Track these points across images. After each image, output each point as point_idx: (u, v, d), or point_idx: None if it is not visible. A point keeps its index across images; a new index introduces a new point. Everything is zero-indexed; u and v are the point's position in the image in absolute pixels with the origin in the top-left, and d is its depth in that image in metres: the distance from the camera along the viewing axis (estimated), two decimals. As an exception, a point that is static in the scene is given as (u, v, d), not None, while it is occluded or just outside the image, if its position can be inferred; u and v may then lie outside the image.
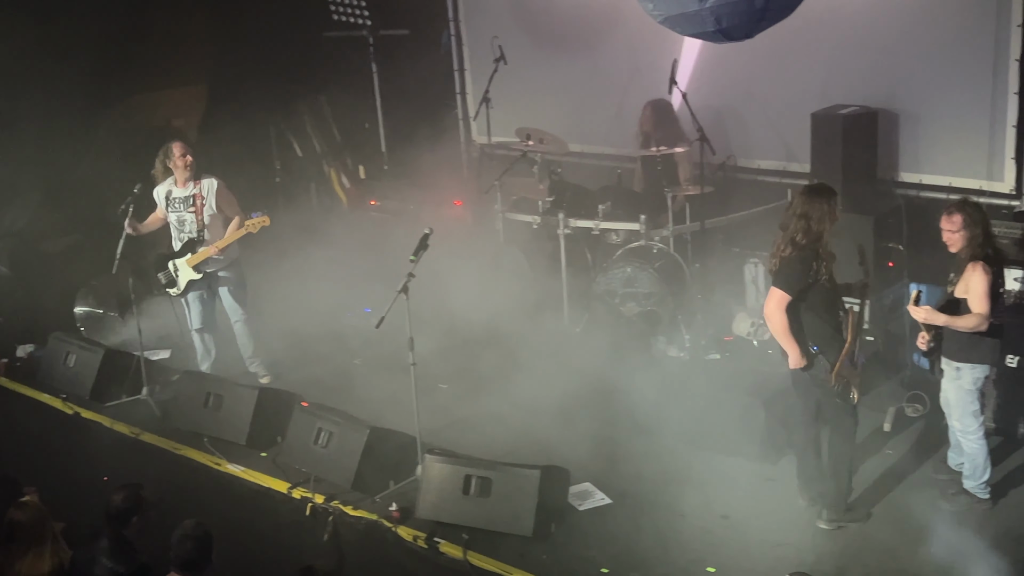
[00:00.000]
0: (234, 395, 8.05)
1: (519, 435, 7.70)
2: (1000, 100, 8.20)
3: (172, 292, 8.67)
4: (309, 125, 11.91)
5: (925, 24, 8.45)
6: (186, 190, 8.44)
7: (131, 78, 10.70)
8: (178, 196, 8.46)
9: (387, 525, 6.85)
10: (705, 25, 5.39)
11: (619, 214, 9.10)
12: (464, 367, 8.58)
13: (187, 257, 8.50)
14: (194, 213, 8.43)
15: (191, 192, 8.43)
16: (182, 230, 8.50)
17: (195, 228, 8.46)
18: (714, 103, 9.41)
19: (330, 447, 7.35)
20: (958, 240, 6.28)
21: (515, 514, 6.57)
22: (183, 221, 8.47)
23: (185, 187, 8.44)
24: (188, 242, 8.49)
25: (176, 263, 8.56)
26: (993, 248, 6.28)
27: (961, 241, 6.27)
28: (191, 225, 8.45)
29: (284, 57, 11.20)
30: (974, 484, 6.54)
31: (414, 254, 6.95)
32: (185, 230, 8.48)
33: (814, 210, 6.14)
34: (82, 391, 8.81)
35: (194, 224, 8.45)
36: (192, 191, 8.43)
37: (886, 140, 8.75)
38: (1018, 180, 8.30)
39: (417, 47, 11.59)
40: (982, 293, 6.15)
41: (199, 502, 7.10)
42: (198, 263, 8.47)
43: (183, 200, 8.45)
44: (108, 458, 7.91)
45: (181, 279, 8.56)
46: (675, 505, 6.79)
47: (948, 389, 6.51)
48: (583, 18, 10.19)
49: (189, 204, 8.44)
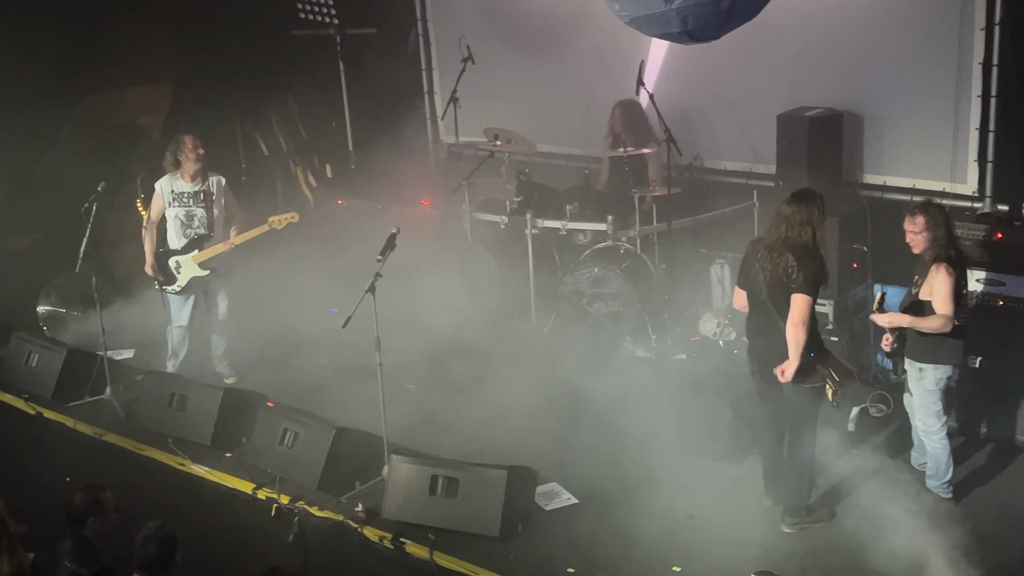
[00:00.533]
0: (199, 395, 7.99)
1: (486, 435, 7.70)
2: (963, 103, 8.29)
3: (170, 290, 8.54)
4: (276, 124, 11.84)
5: (890, 27, 8.52)
6: (195, 185, 8.36)
7: (95, 75, 10.59)
8: (186, 191, 8.36)
9: (353, 526, 6.82)
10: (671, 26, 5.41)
11: (587, 214, 9.12)
12: (431, 368, 8.56)
13: (193, 253, 8.42)
14: (204, 209, 8.36)
15: (200, 187, 8.36)
16: (189, 225, 8.41)
17: (205, 224, 8.40)
18: (681, 104, 9.45)
19: (296, 447, 7.31)
20: (921, 241, 6.34)
21: (482, 514, 6.57)
22: (192, 216, 8.39)
23: (194, 182, 8.36)
24: (196, 238, 8.42)
25: (179, 260, 8.46)
26: (956, 250, 6.35)
27: (924, 242, 6.33)
28: (201, 221, 8.39)
29: (251, 55, 11.13)
30: (937, 484, 6.61)
31: (381, 254, 6.93)
32: (193, 226, 8.40)
33: (813, 214, 6.10)
34: (45, 391, 8.71)
35: (204, 220, 8.39)
36: (201, 187, 8.36)
37: (851, 142, 8.82)
38: (981, 182, 8.39)
39: (385, 46, 11.56)
40: (946, 295, 6.20)
41: (163, 503, 7.04)
42: (206, 260, 8.41)
43: (192, 195, 8.36)
44: (71, 459, 7.84)
45: (183, 276, 8.47)
46: (641, 505, 6.81)
47: (912, 389, 6.56)
48: (551, 19, 10.20)
49: (199, 199, 8.36)
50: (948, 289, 6.20)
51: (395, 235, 7.02)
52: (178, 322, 8.66)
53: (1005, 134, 8.22)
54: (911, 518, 6.40)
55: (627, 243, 9.00)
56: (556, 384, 8.07)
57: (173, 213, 8.42)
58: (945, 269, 6.21)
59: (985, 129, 8.28)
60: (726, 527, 6.55)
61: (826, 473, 6.84)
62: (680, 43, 5.70)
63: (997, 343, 7.07)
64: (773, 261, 6.13)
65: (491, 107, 10.32)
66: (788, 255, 6.07)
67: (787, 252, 6.08)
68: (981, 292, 7.15)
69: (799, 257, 6.06)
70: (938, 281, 6.22)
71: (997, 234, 7.19)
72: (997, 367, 7.07)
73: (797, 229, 6.08)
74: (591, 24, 9.71)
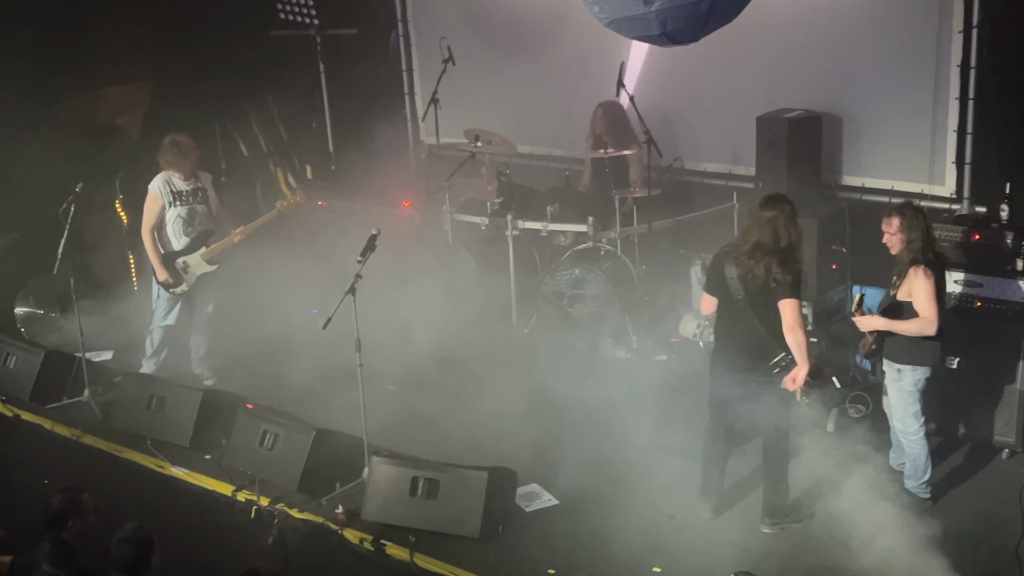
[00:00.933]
0: (178, 397, 7.96)
1: (467, 437, 7.69)
2: (941, 105, 8.34)
3: (177, 291, 8.47)
4: (255, 124, 11.80)
5: (869, 30, 8.57)
6: (190, 183, 8.35)
7: (73, 75, 10.53)
8: (184, 189, 8.34)
9: (333, 528, 6.80)
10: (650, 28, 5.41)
11: (567, 216, 9.13)
12: (412, 369, 8.55)
13: (201, 251, 8.40)
14: (204, 204, 8.38)
15: (196, 185, 8.36)
16: (191, 223, 8.38)
17: (208, 220, 8.40)
18: (661, 106, 9.48)
19: (275, 449, 7.29)
20: (896, 243, 6.38)
21: (462, 516, 6.56)
22: (194, 214, 8.38)
23: (188, 180, 8.34)
24: (200, 235, 8.40)
25: (186, 260, 8.42)
26: (934, 252, 6.38)
27: (900, 244, 6.37)
28: (203, 217, 8.39)
29: (230, 55, 11.09)
30: (915, 484, 6.64)
31: (361, 255, 6.91)
32: (195, 223, 8.39)
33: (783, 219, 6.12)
34: (22, 393, 8.65)
35: (206, 216, 8.41)
36: (196, 183, 8.37)
37: (830, 144, 8.86)
38: (959, 184, 8.45)
39: (365, 47, 11.55)
40: (926, 297, 6.23)
41: (142, 505, 7.02)
42: (214, 255, 8.39)
43: (191, 192, 8.35)
44: (49, 461, 7.79)
45: (192, 274, 8.44)
46: (621, 505, 6.82)
47: (890, 390, 6.60)
48: (531, 20, 10.21)
49: (197, 197, 8.37)
50: (928, 291, 6.23)
51: (375, 236, 7.00)
52: (165, 322, 8.62)
53: (983, 136, 8.27)
54: (890, 518, 6.43)
55: (607, 244, 9.01)
56: (537, 385, 8.07)
57: (175, 213, 8.36)
58: (923, 272, 6.24)
59: (963, 131, 8.33)
60: (706, 527, 6.58)
61: (805, 474, 6.86)
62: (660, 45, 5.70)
63: (975, 344, 7.11)
64: (753, 266, 6.14)
65: (472, 108, 10.32)
66: (769, 259, 6.08)
67: (766, 256, 6.09)
68: (959, 293, 7.19)
69: (782, 261, 6.09)
70: (917, 284, 6.25)
71: (975, 236, 7.23)
72: (975, 368, 7.11)
73: (769, 233, 6.10)
74: (571, 26, 9.72)
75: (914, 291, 6.26)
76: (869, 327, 6.44)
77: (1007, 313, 7.06)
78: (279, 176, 11.79)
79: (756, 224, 6.16)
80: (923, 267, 6.25)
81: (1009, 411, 7.06)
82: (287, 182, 11.78)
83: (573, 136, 9.91)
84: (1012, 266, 7.10)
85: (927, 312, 6.24)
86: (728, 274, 6.25)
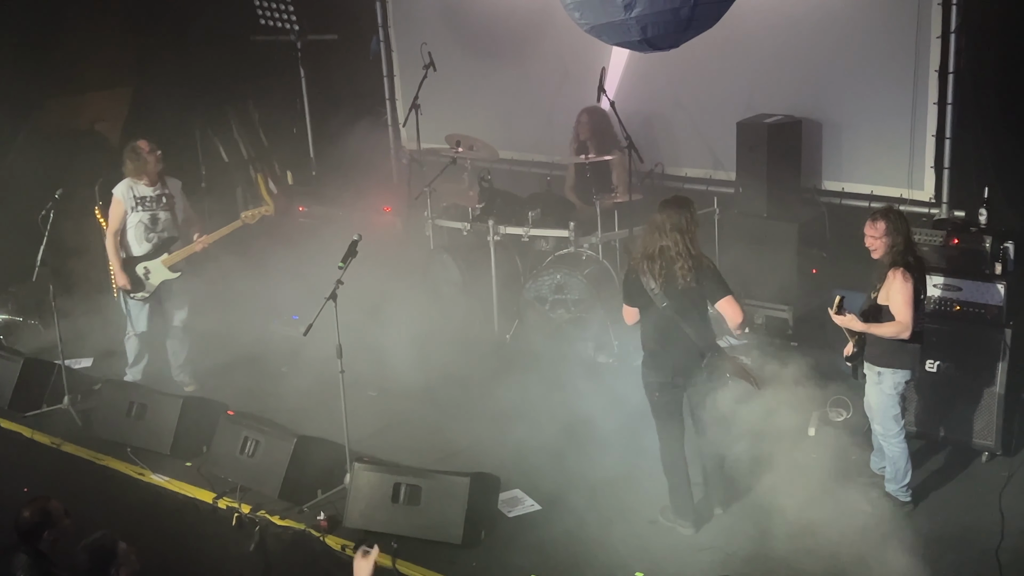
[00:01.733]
0: (158, 404, 7.92)
1: (448, 442, 7.69)
2: (920, 110, 8.39)
3: (138, 297, 8.44)
4: (236, 130, 11.77)
5: (848, 36, 8.61)
6: (155, 188, 8.31)
7: (51, 80, 10.48)
8: (148, 195, 8.30)
9: (315, 535, 6.78)
10: (631, 34, 5.42)
11: (549, 221, 9.14)
12: (393, 375, 8.53)
13: (162, 257, 8.35)
14: (169, 211, 8.33)
15: (161, 191, 8.32)
16: (153, 229, 8.34)
17: (171, 226, 8.35)
18: (642, 111, 9.50)
19: (257, 456, 7.26)
20: (880, 246, 6.41)
21: (445, 522, 6.55)
22: (156, 219, 8.33)
23: (154, 186, 8.31)
24: (163, 241, 8.35)
25: (147, 265, 8.38)
26: (914, 256, 6.41)
27: (883, 247, 6.39)
28: (166, 223, 8.35)
29: (210, 60, 11.06)
30: (896, 487, 6.67)
31: (343, 261, 6.90)
32: (157, 229, 8.34)
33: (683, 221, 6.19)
34: (1, 401, 8.59)
35: (170, 222, 8.36)
36: (162, 189, 8.32)
37: (810, 149, 8.90)
38: (938, 188, 8.50)
39: (346, 52, 11.54)
40: (903, 301, 6.26)
41: (123, 513, 6.98)
42: (176, 262, 8.34)
43: (154, 198, 8.31)
44: (29, 469, 7.73)
45: (153, 280, 8.39)
46: (604, 510, 6.82)
47: (870, 393, 6.63)
48: (512, 26, 10.23)
49: (161, 203, 8.31)
50: (905, 295, 6.26)
51: (357, 242, 6.99)
52: (139, 329, 8.57)
53: (961, 141, 8.33)
54: (871, 521, 6.46)
55: (589, 249, 9.02)
56: (519, 390, 8.06)
57: (136, 218, 8.33)
58: (902, 274, 6.27)
59: (941, 136, 8.39)
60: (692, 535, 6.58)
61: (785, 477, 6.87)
62: (640, 51, 5.72)
63: (954, 348, 7.15)
64: (668, 270, 6.19)
65: (453, 114, 10.33)
66: (682, 263, 6.16)
67: (679, 260, 6.16)
68: (938, 297, 7.23)
69: (697, 264, 6.20)
70: (895, 287, 6.28)
71: (953, 240, 7.27)
72: (955, 371, 7.15)
73: (671, 236, 6.16)
74: (552, 31, 9.74)
75: (892, 294, 6.29)
76: (845, 326, 6.46)
77: (986, 317, 7.10)
78: (260, 182, 11.77)
79: (654, 228, 6.23)
80: (902, 270, 6.27)
81: (989, 414, 7.09)
82: (268, 188, 11.75)
83: (554, 141, 9.92)
84: (991, 270, 7.13)
85: (903, 316, 6.26)
86: (647, 285, 6.25)
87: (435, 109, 10.12)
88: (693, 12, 5.33)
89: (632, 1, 5.22)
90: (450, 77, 10.22)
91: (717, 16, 5.61)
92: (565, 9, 5.62)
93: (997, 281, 7.08)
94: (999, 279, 7.07)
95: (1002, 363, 7.00)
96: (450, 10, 10.69)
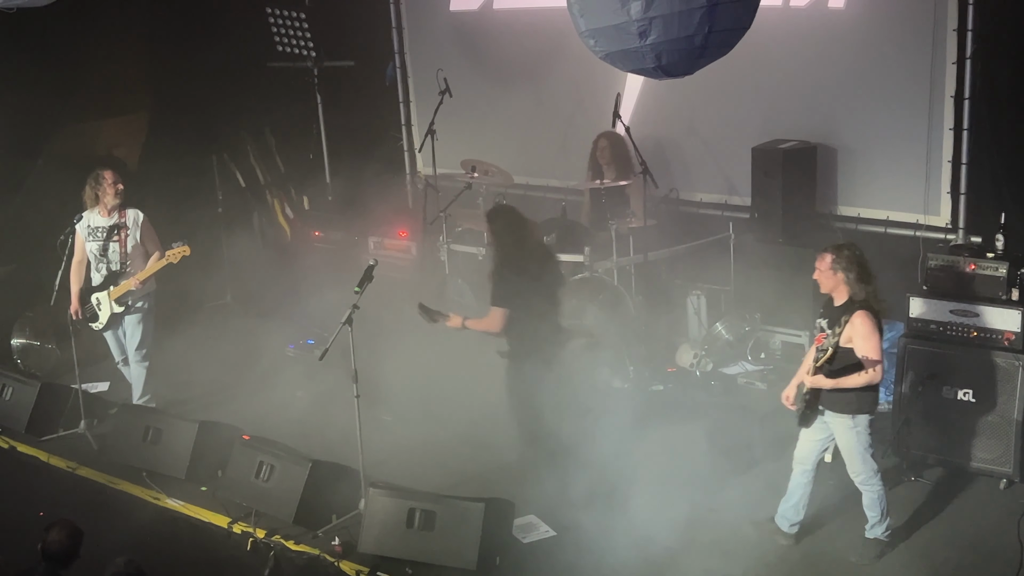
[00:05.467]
0: (173, 429, 7.93)
1: (463, 468, 7.67)
2: (936, 136, 8.38)
3: (94, 327, 8.50)
4: (252, 155, 11.84)
5: (863, 61, 8.62)
6: (110, 219, 8.30)
7: (70, 106, 10.57)
8: (100, 225, 8.31)
9: (329, 560, 6.77)
10: (645, 62, 5.43)
11: (564, 246, 9.14)
12: (408, 399, 8.53)
13: (109, 290, 8.37)
14: (118, 243, 8.31)
15: (115, 221, 8.30)
16: (102, 260, 8.35)
17: (118, 259, 8.33)
18: (657, 137, 9.52)
19: (271, 481, 7.26)
20: (824, 281, 6.25)
21: (459, 547, 6.53)
22: (104, 251, 8.33)
23: (109, 216, 8.31)
24: (110, 274, 8.35)
25: (98, 296, 8.40)
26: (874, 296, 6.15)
27: (829, 283, 6.24)
28: (114, 255, 8.33)
29: (227, 87, 11.14)
30: (881, 530, 6.44)
31: (359, 285, 6.92)
32: (107, 260, 8.34)
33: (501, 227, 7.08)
34: (18, 425, 8.63)
35: (117, 254, 8.33)
36: (116, 220, 8.30)
37: (825, 174, 8.90)
38: (954, 214, 8.48)
39: (362, 79, 11.60)
40: (873, 346, 6.02)
41: (138, 537, 6.98)
42: (120, 295, 8.35)
43: (106, 229, 8.31)
44: (45, 493, 7.75)
45: (103, 313, 8.42)
46: (619, 537, 6.78)
47: (846, 439, 6.28)
48: (527, 52, 10.27)
49: (113, 234, 8.31)
50: (875, 340, 6.03)
51: (373, 267, 7.02)
52: (118, 358, 8.66)
53: (977, 166, 8.31)
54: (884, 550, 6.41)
55: (604, 274, 9.02)
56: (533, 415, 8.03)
57: (90, 248, 8.36)
58: (868, 319, 6.05)
59: (957, 161, 8.37)
60: (703, 557, 6.54)
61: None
62: (655, 78, 5.73)
63: (971, 374, 7.12)
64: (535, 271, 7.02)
65: (468, 139, 10.37)
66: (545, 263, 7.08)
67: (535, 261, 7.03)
68: (955, 323, 7.21)
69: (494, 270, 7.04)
70: (863, 332, 6.03)
71: (970, 265, 7.26)
72: (972, 397, 7.12)
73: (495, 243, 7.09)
74: (567, 58, 9.77)
75: (858, 339, 6.04)
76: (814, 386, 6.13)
77: (1003, 343, 7.07)
78: (276, 207, 11.83)
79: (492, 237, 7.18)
80: (866, 313, 6.05)
81: (1006, 440, 7.05)
82: (284, 213, 11.81)
83: (569, 167, 9.94)
84: (1008, 296, 7.11)
85: (874, 359, 6.01)
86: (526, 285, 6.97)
87: (450, 135, 10.16)
88: (708, 39, 5.33)
89: (647, 29, 5.23)
90: (465, 103, 10.26)
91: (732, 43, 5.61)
92: (580, 37, 5.64)
93: (1014, 307, 7.05)
94: (1016, 305, 7.05)
95: (1020, 389, 6.96)
96: (466, 37, 10.75)
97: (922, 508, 6.97)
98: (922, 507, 6.98)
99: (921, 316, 7.37)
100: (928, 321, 7.34)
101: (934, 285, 7.40)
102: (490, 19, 10.54)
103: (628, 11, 5.19)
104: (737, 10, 5.35)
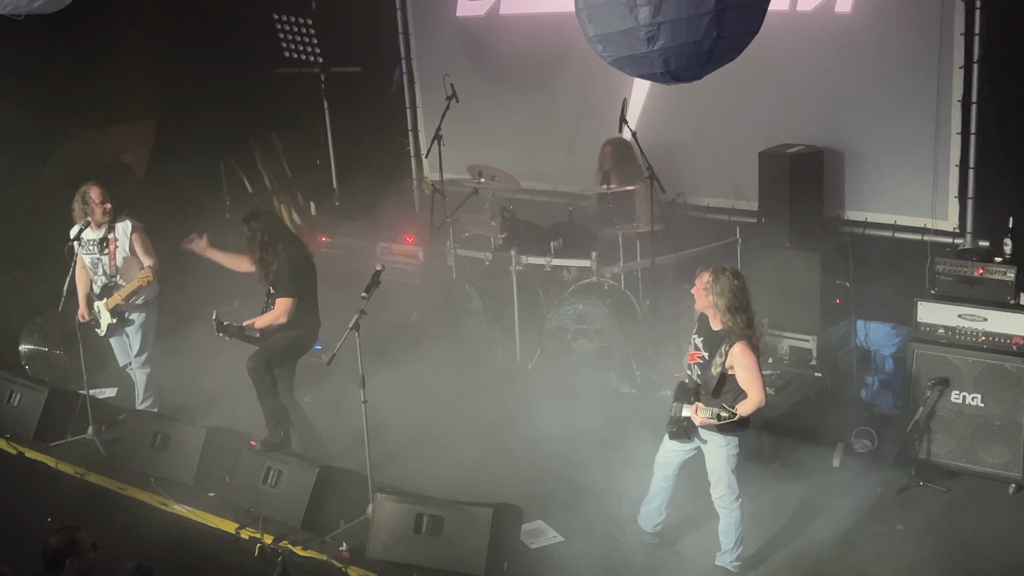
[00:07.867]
0: (181, 434, 7.95)
1: (471, 473, 7.67)
2: (943, 140, 8.37)
3: (99, 332, 8.57)
4: (260, 161, 11.85)
5: (870, 66, 8.61)
6: (99, 232, 8.35)
7: (79, 113, 10.61)
8: (91, 238, 8.36)
9: (337, 565, 6.78)
10: (654, 67, 5.44)
11: (571, 251, 9.15)
12: (416, 405, 8.54)
13: (105, 300, 8.42)
14: (108, 256, 8.36)
15: (104, 234, 8.34)
16: (96, 272, 8.42)
17: (108, 271, 8.38)
18: (664, 142, 9.52)
19: (279, 486, 7.28)
20: (698, 299, 6.23)
21: (467, 553, 6.53)
22: (96, 264, 8.40)
23: (99, 229, 8.35)
24: (104, 286, 8.41)
25: (98, 305, 8.47)
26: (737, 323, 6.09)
27: (702, 301, 6.20)
28: (105, 267, 8.38)
29: (235, 93, 11.17)
30: (731, 559, 6.40)
31: (366, 291, 6.94)
32: (99, 273, 8.41)
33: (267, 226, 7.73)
34: (26, 431, 8.65)
35: (107, 267, 8.38)
36: (105, 233, 8.34)
37: (832, 179, 8.88)
38: (961, 218, 8.46)
39: (369, 84, 11.62)
40: (755, 376, 6.05)
41: (146, 543, 6.99)
42: (113, 307, 8.39)
43: (96, 243, 8.36)
44: (53, 499, 7.77)
45: (102, 321, 8.47)
46: (628, 543, 6.78)
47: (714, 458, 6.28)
48: (535, 57, 10.27)
49: (104, 247, 8.35)
50: (756, 370, 6.06)
51: (380, 272, 7.03)
52: (123, 362, 8.71)
53: (985, 170, 8.29)
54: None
55: (611, 279, 9.02)
56: (541, 421, 8.05)
57: (85, 260, 8.46)
58: (745, 347, 6.06)
59: (965, 166, 8.35)
60: (711, 562, 6.53)
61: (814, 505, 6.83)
62: (663, 83, 5.74)
63: (979, 378, 7.11)
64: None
65: (475, 144, 10.37)
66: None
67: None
68: (963, 328, 7.20)
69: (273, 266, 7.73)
70: (744, 363, 6.05)
71: (978, 270, 7.26)
72: (980, 402, 7.11)
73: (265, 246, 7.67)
74: (574, 63, 9.77)
75: (740, 371, 6.06)
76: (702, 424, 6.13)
77: (1011, 347, 7.06)
78: (283, 213, 11.84)
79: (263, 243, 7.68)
80: (745, 344, 6.06)
81: (1014, 445, 7.05)
82: (291, 219, 11.82)
83: (576, 172, 9.95)
84: (1016, 300, 7.10)
85: (758, 391, 6.04)
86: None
87: (457, 140, 10.17)
88: (715, 44, 5.35)
89: (655, 34, 5.25)
90: (472, 108, 10.27)
91: (740, 48, 5.62)
92: (588, 42, 5.65)
93: (1023, 312, 7.04)
94: (1024, 309, 7.05)
95: (1028, 394, 6.96)
96: (473, 42, 10.76)
97: (930, 513, 6.97)
98: (930, 512, 6.98)
99: (929, 321, 7.37)
100: (936, 326, 7.34)
101: (942, 289, 7.40)
102: (497, 24, 10.55)
103: (636, 16, 5.21)
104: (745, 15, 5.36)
